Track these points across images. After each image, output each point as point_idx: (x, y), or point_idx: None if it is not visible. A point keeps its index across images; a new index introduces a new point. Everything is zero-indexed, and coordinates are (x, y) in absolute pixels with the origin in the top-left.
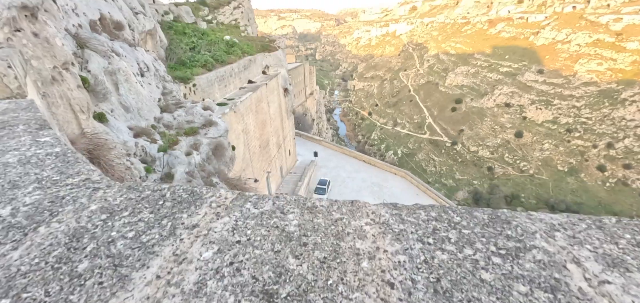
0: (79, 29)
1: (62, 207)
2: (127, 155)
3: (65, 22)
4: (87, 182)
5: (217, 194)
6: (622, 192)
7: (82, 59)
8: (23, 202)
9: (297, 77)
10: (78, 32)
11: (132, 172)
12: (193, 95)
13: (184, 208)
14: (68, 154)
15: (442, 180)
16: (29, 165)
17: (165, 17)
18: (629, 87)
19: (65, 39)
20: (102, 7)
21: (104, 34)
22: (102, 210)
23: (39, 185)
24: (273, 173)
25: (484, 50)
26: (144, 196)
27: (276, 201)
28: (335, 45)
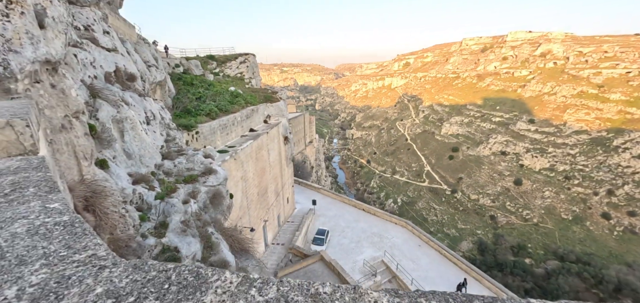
0: (94, 80)
1: (68, 288)
2: (123, 202)
3: (82, 74)
4: (93, 258)
5: (222, 277)
6: (632, 241)
7: (93, 107)
8: (29, 282)
9: (297, 126)
10: (93, 82)
11: (126, 221)
12: (195, 143)
13: (190, 295)
14: (75, 224)
15: (445, 230)
16: (37, 236)
17: (175, 69)
18: (619, 135)
19: (80, 89)
20: (118, 60)
21: (117, 84)
22: (107, 294)
23: (46, 262)
24: (270, 222)
25: (475, 101)
26: (149, 278)
27: (280, 287)
28: (334, 96)
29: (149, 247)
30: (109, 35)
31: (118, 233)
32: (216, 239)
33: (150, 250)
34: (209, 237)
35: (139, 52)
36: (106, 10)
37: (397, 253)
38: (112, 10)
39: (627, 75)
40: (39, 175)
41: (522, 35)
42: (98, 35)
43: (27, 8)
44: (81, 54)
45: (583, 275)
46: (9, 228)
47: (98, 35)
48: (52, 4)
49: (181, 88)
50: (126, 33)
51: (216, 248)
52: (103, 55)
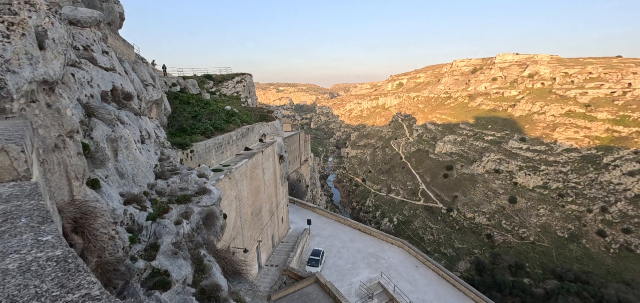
0: (90, 98)
1: None
2: (113, 223)
3: (79, 93)
4: (87, 298)
5: None
6: (628, 259)
7: (88, 126)
8: None
9: (292, 145)
10: (89, 101)
11: (115, 243)
12: (190, 161)
13: None
14: (69, 259)
15: (441, 250)
16: (29, 273)
17: (172, 88)
18: (609, 153)
19: (76, 108)
20: (116, 80)
21: (113, 103)
22: None
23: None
24: (264, 242)
25: (468, 120)
26: None
27: None
28: (329, 115)
29: (137, 271)
30: (107, 55)
31: (106, 256)
32: (208, 262)
33: (139, 273)
34: (201, 260)
35: (137, 71)
36: (106, 31)
37: (394, 274)
38: (112, 30)
39: (612, 95)
40: (31, 204)
41: (510, 57)
42: (97, 55)
43: (28, 30)
44: (79, 73)
45: (583, 295)
46: (0, 265)
47: (97, 55)
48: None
49: (177, 107)
50: (125, 53)
51: (208, 272)
52: (101, 75)
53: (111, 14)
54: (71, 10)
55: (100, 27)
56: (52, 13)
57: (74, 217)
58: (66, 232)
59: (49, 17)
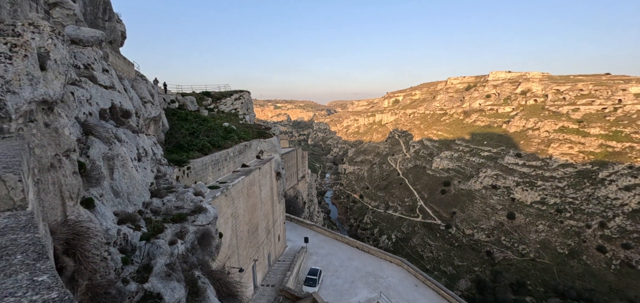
0: (88, 116)
1: None
2: (106, 244)
3: (77, 111)
4: None
5: None
6: (630, 275)
7: (85, 144)
8: None
9: (289, 161)
10: (87, 119)
11: (108, 264)
12: (186, 179)
13: None
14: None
15: (441, 267)
16: None
17: (171, 105)
18: (604, 168)
19: (74, 126)
20: (115, 97)
21: (111, 121)
22: None
23: None
24: (260, 261)
25: (464, 136)
26: None
27: None
28: (327, 131)
29: (129, 294)
30: (107, 74)
31: (98, 278)
32: (203, 284)
33: (131, 297)
34: (195, 282)
35: (136, 89)
36: (108, 49)
37: (393, 294)
38: (113, 49)
39: (604, 111)
40: (27, 238)
41: (502, 75)
42: (97, 74)
43: (30, 51)
44: (78, 91)
45: None
46: None
47: (97, 74)
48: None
49: (175, 123)
50: (125, 70)
51: (202, 294)
52: (100, 93)
53: (113, 32)
54: (74, 30)
55: (101, 46)
56: (55, 35)
57: (66, 238)
58: (57, 253)
59: (52, 39)
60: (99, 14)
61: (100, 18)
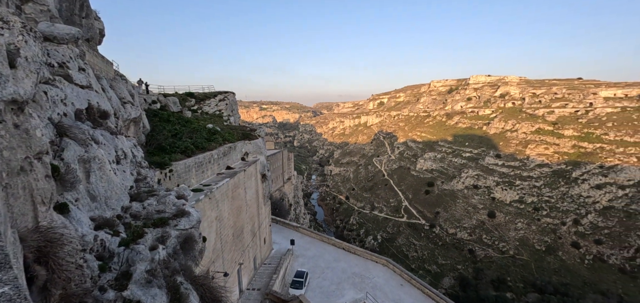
0: (63, 117)
1: None
2: (82, 251)
3: (51, 111)
4: None
5: None
6: (602, 270)
7: (59, 146)
8: None
9: (275, 163)
10: (62, 120)
11: (83, 272)
12: (168, 182)
13: None
14: None
15: (425, 266)
16: None
17: (152, 106)
18: (577, 168)
19: (46, 127)
20: (92, 97)
21: (88, 122)
22: None
23: None
24: (246, 265)
25: (446, 138)
26: None
27: None
28: (313, 133)
29: (107, 302)
30: (84, 73)
31: (72, 287)
32: (185, 290)
33: None
34: (178, 288)
35: (115, 89)
36: (84, 47)
37: (380, 294)
38: (90, 47)
39: (576, 113)
40: None
41: (482, 79)
42: (73, 72)
43: None
44: (52, 91)
45: None
46: None
47: (73, 72)
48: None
49: (157, 125)
50: (103, 69)
51: (185, 301)
52: (76, 92)
53: (91, 30)
54: (47, 27)
55: (78, 44)
56: (27, 31)
57: (38, 245)
58: (28, 262)
59: (23, 35)
60: (76, 10)
61: (76, 15)
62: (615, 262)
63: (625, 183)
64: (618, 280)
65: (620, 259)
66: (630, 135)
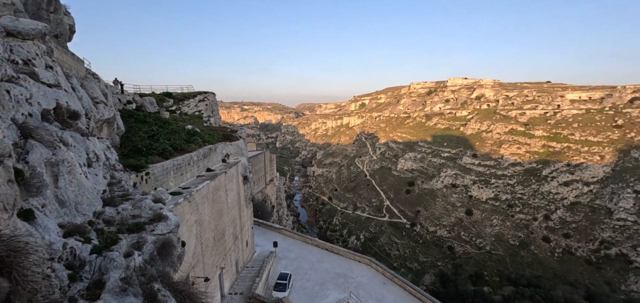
0: (28, 118)
1: None
2: (49, 260)
3: (15, 112)
4: None
5: None
6: (570, 262)
7: (23, 149)
8: None
9: (257, 165)
10: (26, 121)
11: (51, 282)
12: (145, 185)
13: None
14: None
15: (407, 264)
16: None
17: (127, 106)
18: (547, 166)
19: (9, 129)
20: (60, 97)
21: (56, 123)
22: None
23: None
24: (227, 269)
25: (426, 138)
26: None
27: None
28: (295, 134)
29: None
30: (52, 70)
31: (39, 299)
32: (163, 297)
33: None
34: (155, 295)
35: (87, 88)
36: (52, 44)
37: (363, 293)
38: (59, 43)
39: (545, 115)
40: None
41: (459, 81)
42: (39, 70)
43: None
44: (15, 90)
45: (536, 298)
46: None
47: (39, 70)
48: None
49: (132, 126)
50: (73, 67)
51: None
52: (43, 91)
53: (59, 25)
54: (11, 21)
55: (45, 40)
56: None
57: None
58: None
59: None
60: (43, 4)
61: (44, 9)
62: (582, 254)
63: (589, 180)
64: (585, 271)
65: (587, 251)
66: (593, 135)
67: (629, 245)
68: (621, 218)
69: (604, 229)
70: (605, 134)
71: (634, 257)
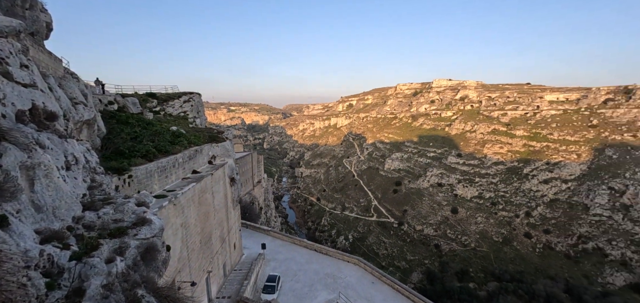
0: (1, 119)
1: None
2: (25, 267)
3: None
4: None
5: None
6: (550, 256)
7: None
8: None
9: (244, 166)
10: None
11: (27, 291)
12: (127, 188)
13: None
14: None
15: (395, 263)
16: None
17: (109, 107)
18: (527, 165)
19: None
20: (36, 97)
21: (31, 124)
22: None
23: None
24: (215, 273)
25: (412, 138)
26: None
27: None
28: (283, 135)
29: None
30: (27, 70)
31: None
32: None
33: None
34: (139, 302)
35: (65, 88)
36: (28, 41)
37: (352, 293)
38: (35, 42)
39: (525, 115)
40: None
41: (444, 83)
42: (13, 69)
43: None
44: None
45: (518, 293)
46: None
47: (13, 69)
48: None
49: (114, 127)
50: (51, 67)
51: None
52: (17, 92)
53: (36, 23)
54: None
55: (20, 38)
56: None
57: None
58: None
59: None
60: (18, 1)
61: (19, 6)
62: (561, 249)
63: (567, 177)
64: (564, 265)
65: (565, 246)
66: (571, 134)
67: (604, 240)
68: (597, 213)
69: (581, 224)
70: (581, 134)
71: (609, 250)
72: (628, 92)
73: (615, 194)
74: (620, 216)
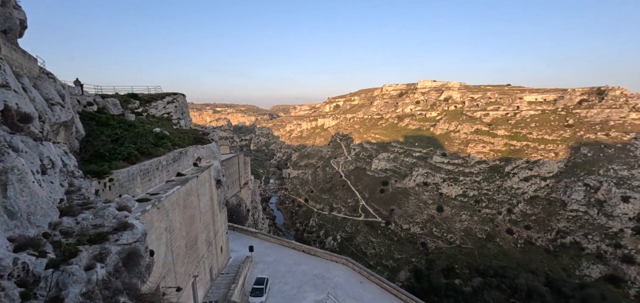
0: None
1: None
2: None
3: None
4: None
5: None
6: (531, 251)
7: None
8: None
9: (231, 168)
10: None
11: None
12: (108, 192)
13: None
14: None
15: (383, 262)
16: None
17: (88, 108)
18: (509, 163)
19: None
20: (9, 98)
21: (3, 126)
22: None
23: None
24: (201, 277)
25: (398, 139)
26: None
27: None
28: (270, 136)
29: None
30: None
31: None
32: None
33: None
34: None
35: (40, 88)
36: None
37: (340, 293)
38: (8, 40)
39: (506, 115)
40: None
41: (429, 84)
42: None
43: None
44: None
45: (501, 287)
46: None
47: None
48: None
49: (93, 129)
50: (25, 66)
51: None
52: None
53: (8, 20)
54: None
55: None
56: None
57: None
58: None
59: None
60: None
61: None
62: (541, 244)
63: (546, 175)
64: (544, 259)
65: (545, 241)
66: (549, 134)
67: (581, 234)
68: (574, 209)
69: (559, 220)
70: (558, 133)
71: (585, 244)
72: (601, 93)
73: (590, 190)
74: (595, 211)
